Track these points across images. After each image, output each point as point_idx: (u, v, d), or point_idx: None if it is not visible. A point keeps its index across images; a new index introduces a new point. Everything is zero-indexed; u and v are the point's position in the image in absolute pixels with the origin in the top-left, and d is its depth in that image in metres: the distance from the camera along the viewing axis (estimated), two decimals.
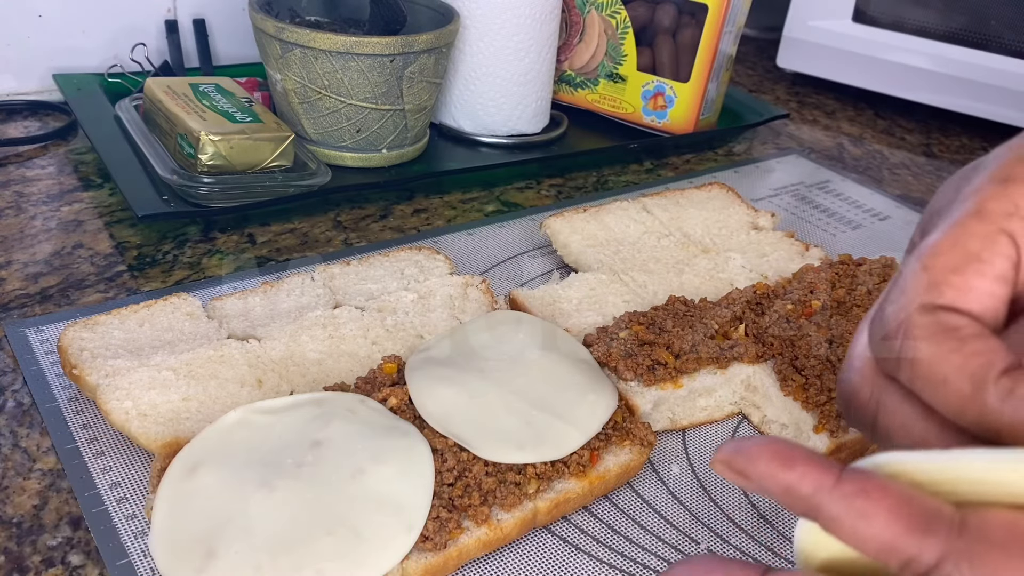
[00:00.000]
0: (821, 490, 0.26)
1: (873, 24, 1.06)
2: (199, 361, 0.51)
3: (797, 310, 0.59)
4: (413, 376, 0.50)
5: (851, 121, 1.09)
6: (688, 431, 0.56)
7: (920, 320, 0.29)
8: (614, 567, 0.46)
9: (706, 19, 0.89)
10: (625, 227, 0.71)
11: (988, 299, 0.30)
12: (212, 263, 0.67)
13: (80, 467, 0.48)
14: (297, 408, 0.47)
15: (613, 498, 0.50)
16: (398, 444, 0.45)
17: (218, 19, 0.95)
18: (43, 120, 0.86)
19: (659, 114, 0.94)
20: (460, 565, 0.44)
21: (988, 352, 0.28)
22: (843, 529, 0.26)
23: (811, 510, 0.26)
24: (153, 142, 0.73)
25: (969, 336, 0.29)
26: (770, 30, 1.29)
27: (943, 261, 0.30)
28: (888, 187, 0.92)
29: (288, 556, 0.40)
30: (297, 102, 0.77)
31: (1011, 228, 0.30)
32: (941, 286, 0.30)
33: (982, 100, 1.02)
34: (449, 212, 0.78)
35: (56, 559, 0.43)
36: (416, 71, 0.76)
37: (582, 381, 0.51)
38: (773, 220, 0.74)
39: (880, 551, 0.25)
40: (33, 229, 0.69)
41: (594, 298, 0.62)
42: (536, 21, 0.85)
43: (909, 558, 0.25)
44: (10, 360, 0.55)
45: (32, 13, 0.86)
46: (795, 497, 0.26)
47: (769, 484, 0.27)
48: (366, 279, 0.61)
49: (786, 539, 0.48)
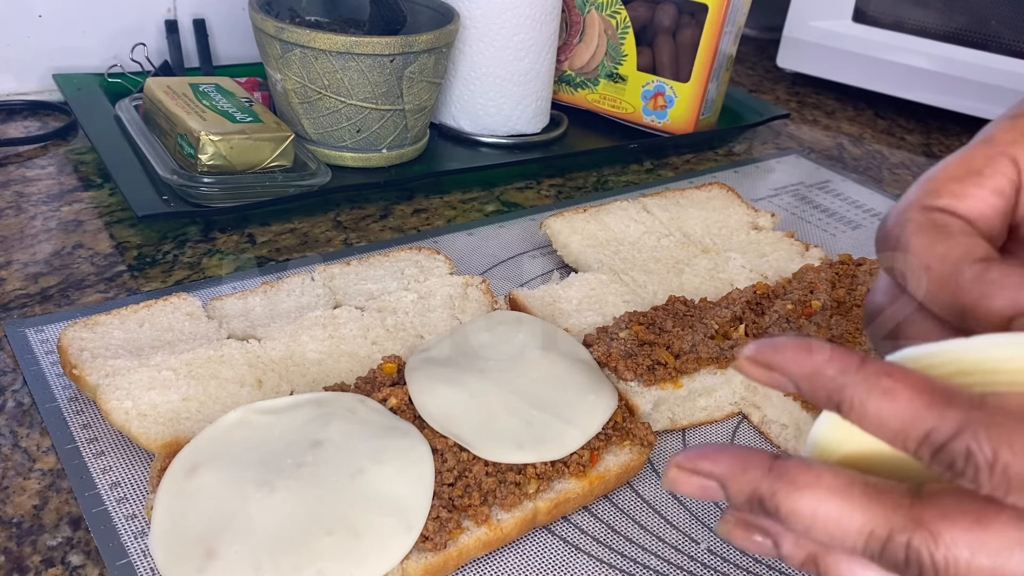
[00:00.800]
0: (847, 371, 0.27)
1: (873, 24, 1.06)
2: (199, 361, 0.51)
3: (797, 310, 0.59)
4: (413, 376, 0.50)
5: (851, 121, 1.09)
6: (688, 431, 0.56)
7: (915, 216, 0.32)
8: (614, 567, 0.46)
9: (706, 19, 0.89)
10: (625, 227, 0.71)
11: (982, 207, 0.32)
12: (212, 263, 0.67)
13: (80, 467, 0.48)
14: (297, 408, 0.47)
15: (613, 498, 0.50)
16: (398, 444, 0.45)
17: (218, 19, 0.95)
18: (43, 120, 0.86)
19: (659, 114, 0.94)
20: (460, 565, 0.44)
21: (969, 244, 0.30)
22: (866, 409, 0.27)
23: (834, 392, 0.27)
24: (153, 142, 0.73)
25: (956, 232, 0.31)
26: (770, 30, 1.29)
27: (945, 173, 0.33)
28: (888, 187, 0.92)
29: (288, 556, 0.40)
30: (297, 102, 0.77)
31: (1014, 153, 0.32)
32: (939, 191, 0.32)
33: (982, 100, 1.02)
34: (449, 212, 0.78)
35: (56, 559, 0.43)
36: (416, 71, 0.76)
37: (582, 381, 0.51)
38: (773, 220, 0.74)
39: (901, 429, 0.26)
40: (33, 229, 0.69)
41: (594, 298, 0.62)
42: (536, 21, 0.85)
43: (929, 430, 0.26)
44: (10, 360, 0.55)
45: (32, 13, 0.86)
46: (820, 380, 0.28)
47: (794, 369, 0.28)
48: (366, 279, 0.61)
49: None
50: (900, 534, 0.26)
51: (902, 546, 0.26)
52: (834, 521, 0.27)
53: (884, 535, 0.27)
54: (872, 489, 0.27)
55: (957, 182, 0.32)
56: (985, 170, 0.32)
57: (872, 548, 0.27)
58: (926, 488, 0.27)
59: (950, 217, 0.31)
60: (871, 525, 0.27)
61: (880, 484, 0.27)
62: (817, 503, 0.27)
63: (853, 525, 0.27)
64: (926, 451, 0.26)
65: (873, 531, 0.27)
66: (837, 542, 0.28)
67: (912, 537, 0.26)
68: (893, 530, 0.27)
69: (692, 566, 0.46)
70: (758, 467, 0.29)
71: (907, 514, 0.27)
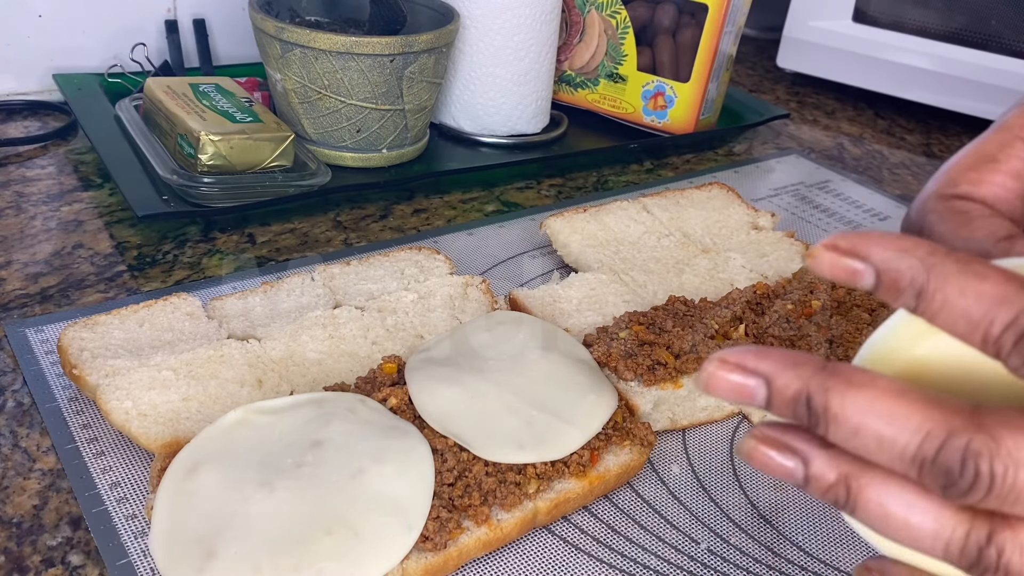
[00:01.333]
0: (936, 253, 0.27)
1: (873, 24, 1.06)
2: (199, 361, 0.51)
3: (797, 310, 0.59)
4: (413, 376, 0.50)
5: (851, 121, 1.09)
6: (688, 431, 0.56)
7: (936, 206, 0.33)
8: (614, 567, 0.46)
9: (706, 19, 0.88)
10: (625, 227, 0.71)
11: (1000, 190, 0.33)
12: (212, 263, 0.67)
13: (80, 467, 0.48)
14: (297, 408, 0.47)
15: (613, 498, 0.50)
16: (398, 444, 0.45)
17: (218, 19, 0.95)
18: (43, 120, 0.86)
19: (659, 114, 0.94)
20: (460, 565, 0.44)
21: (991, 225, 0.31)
22: (953, 290, 0.26)
23: (920, 274, 0.26)
24: (153, 142, 0.73)
25: (977, 216, 0.32)
26: (770, 30, 1.29)
27: (961, 162, 0.34)
28: (888, 187, 0.92)
29: (288, 556, 0.40)
30: (297, 102, 0.77)
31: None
32: (957, 180, 0.33)
33: (982, 100, 1.02)
34: (449, 212, 0.78)
35: (56, 559, 0.43)
36: (416, 71, 0.76)
37: (582, 381, 0.51)
38: (773, 220, 0.74)
39: (987, 312, 0.25)
40: (33, 229, 0.69)
41: (594, 298, 0.62)
42: (536, 21, 0.85)
43: (1019, 313, 0.25)
44: (10, 360, 0.55)
45: (32, 13, 0.86)
46: (907, 261, 0.27)
47: (879, 251, 0.27)
48: (366, 279, 0.61)
49: (786, 539, 0.48)
50: (959, 436, 0.25)
51: (959, 448, 0.25)
52: (887, 420, 0.26)
53: (942, 436, 0.25)
54: (930, 395, 0.26)
55: (973, 170, 0.33)
56: (1000, 155, 0.33)
57: (926, 451, 0.25)
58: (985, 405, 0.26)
59: (970, 203, 0.32)
60: (929, 425, 0.25)
61: (939, 393, 0.26)
62: (872, 401, 0.26)
63: (909, 424, 0.26)
64: (1010, 337, 0.25)
65: (931, 431, 0.25)
66: (886, 447, 0.26)
67: (972, 439, 0.25)
68: (952, 431, 0.25)
69: (692, 566, 0.46)
70: (810, 365, 0.28)
71: (968, 418, 0.25)
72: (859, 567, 0.31)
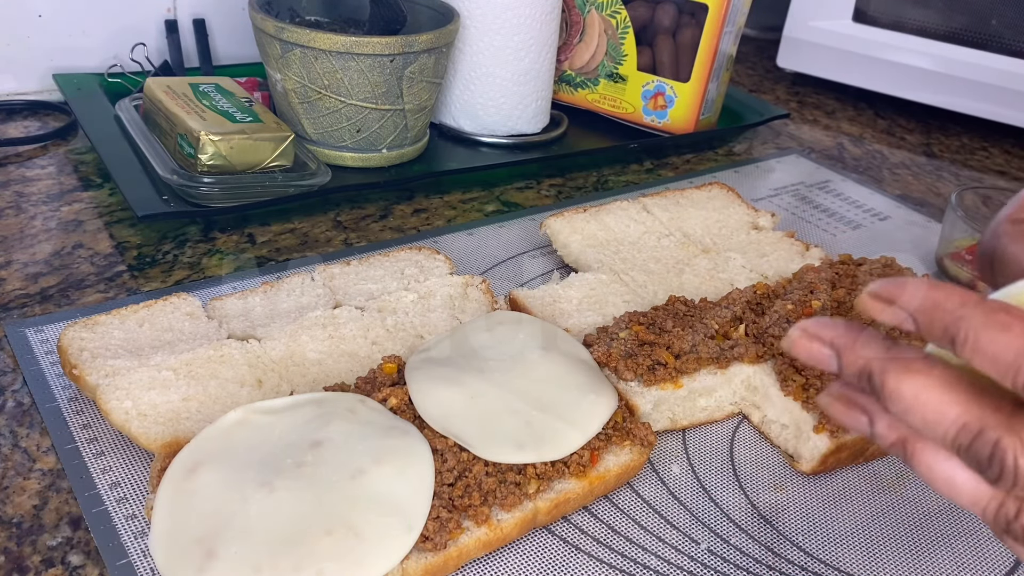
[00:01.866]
0: (967, 304, 0.30)
1: (873, 24, 1.06)
2: (199, 361, 0.51)
3: (797, 310, 0.59)
4: (413, 376, 0.50)
5: (851, 121, 1.09)
6: (688, 431, 0.56)
7: (1007, 229, 0.37)
8: (614, 567, 0.46)
9: (706, 19, 0.89)
10: (625, 227, 0.71)
11: None
12: (212, 263, 0.67)
13: (80, 467, 0.48)
14: (297, 408, 0.47)
15: (613, 498, 0.50)
16: (398, 444, 0.45)
17: (218, 19, 0.95)
18: (43, 120, 0.86)
19: (659, 114, 0.94)
20: (460, 565, 0.44)
21: None
22: (980, 341, 0.29)
23: (951, 325, 0.30)
24: (153, 142, 0.73)
25: None
26: (770, 30, 1.29)
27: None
28: (888, 187, 0.92)
29: (288, 556, 0.40)
30: (297, 102, 0.77)
31: None
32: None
33: (982, 100, 1.02)
34: (449, 212, 0.78)
35: (56, 559, 0.43)
36: (416, 71, 0.76)
37: (582, 381, 0.51)
38: (773, 220, 0.74)
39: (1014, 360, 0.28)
40: (33, 229, 0.69)
41: (594, 298, 0.62)
42: (536, 21, 0.85)
43: None
44: (10, 360, 0.55)
45: (32, 13, 0.86)
46: (939, 313, 0.30)
47: (915, 303, 0.31)
48: (366, 279, 0.61)
49: (786, 539, 0.48)
50: (991, 432, 0.29)
51: (990, 443, 0.29)
52: (932, 408, 0.30)
53: (975, 429, 0.29)
54: (977, 390, 0.30)
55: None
56: None
57: (961, 440, 0.30)
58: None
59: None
60: (966, 418, 0.29)
61: (987, 388, 0.30)
62: (921, 388, 0.30)
63: (949, 414, 0.30)
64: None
65: (967, 424, 0.29)
66: (930, 428, 0.30)
67: (1002, 437, 0.29)
68: (985, 427, 0.29)
69: (692, 566, 0.46)
70: (876, 344, 0.32)
71: (1003, 419, 0.29)
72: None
